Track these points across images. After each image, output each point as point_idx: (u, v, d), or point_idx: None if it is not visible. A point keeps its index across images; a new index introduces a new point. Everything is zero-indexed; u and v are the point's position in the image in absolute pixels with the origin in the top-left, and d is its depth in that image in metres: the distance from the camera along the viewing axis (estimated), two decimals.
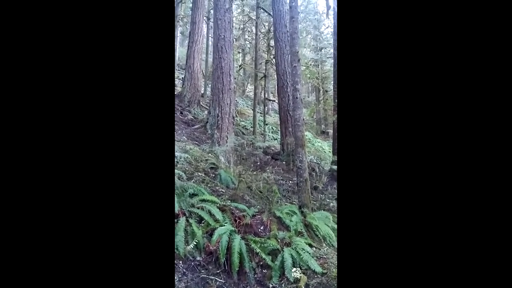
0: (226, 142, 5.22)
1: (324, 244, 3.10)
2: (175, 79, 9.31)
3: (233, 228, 2.82)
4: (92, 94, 1.18)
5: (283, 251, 2.66)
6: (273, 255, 2.67)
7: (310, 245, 2.88)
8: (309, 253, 2.67)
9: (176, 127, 6.44)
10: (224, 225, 2.82)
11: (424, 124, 1.10)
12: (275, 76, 8.30)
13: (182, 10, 10.99)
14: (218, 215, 2.92)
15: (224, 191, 3.76)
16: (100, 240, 1.14)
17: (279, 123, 7.76)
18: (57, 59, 1.16)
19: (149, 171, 1.20)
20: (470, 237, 1.03)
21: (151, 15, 1.25)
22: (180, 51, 12.61)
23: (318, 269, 2.51)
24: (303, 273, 2.49)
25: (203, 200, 3.11)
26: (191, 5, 9.61)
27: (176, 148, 4.33)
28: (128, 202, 1.17)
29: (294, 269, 2.49)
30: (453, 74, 1.09)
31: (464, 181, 1.05)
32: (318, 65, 13.32)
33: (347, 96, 1.20)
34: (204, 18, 9.63)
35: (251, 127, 9.16)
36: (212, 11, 7.65)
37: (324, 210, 4.11)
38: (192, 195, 3.18)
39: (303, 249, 2.69)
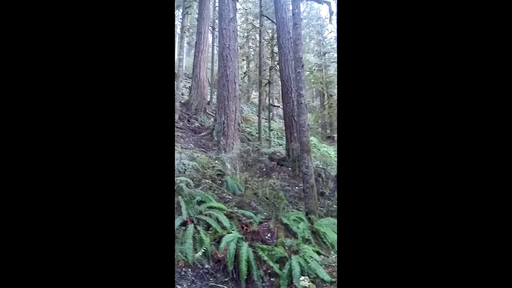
0: (232, 148, 5.25)
1: (332, 252, 3.06)
2: (183, 88, 9.43)
3: (241, 236, 2.82)
4: (93, 98, 1.17)
5: (290, 259, 2.64)
6: (281, 263, 2.65)
7: (318, 253, 2.86)
8: (317, 261, 2.65)
9: (183, 134, 6.51)
10: (232, 232, 2.82)
11: (424, 128, 1.10)
12: (279, 82, 8.35)
13: (188, 21, 11.18)
14: (226, 222, 2.93)
15: (231, 197, 3.77)
16: (100, 244, 1.13)
17: (284, 129, 7.77)
18: (58, 65, 1.14)
19: (149, 177, 1.20)
20: (471, 240, 1.03)
21: (151, 21, 1.25)
22: (186, 61, 12.80)
23: (327, 277, 2.48)
24: (312, 282, 2.46)
25: (211, 207, 3.12)
26: (197, 15, 9.78)
27: (183, 155, 4.37)
28: (129, 207, 1.16)
29: (303, 277, 2.47)
30: (453, 79, 1.09)
31: (465, 181, 1.05)
32: (322, 70, 13.34)
33: (348, 99, 1.21)
34: (210, 28, 9.78)
35: (257, 133, 9.19)
36: (217, 21, 7.78)
37: (331, 216, 4.07)
38: (200, 202, 3.20)
39: (311, 257, 2.67)
